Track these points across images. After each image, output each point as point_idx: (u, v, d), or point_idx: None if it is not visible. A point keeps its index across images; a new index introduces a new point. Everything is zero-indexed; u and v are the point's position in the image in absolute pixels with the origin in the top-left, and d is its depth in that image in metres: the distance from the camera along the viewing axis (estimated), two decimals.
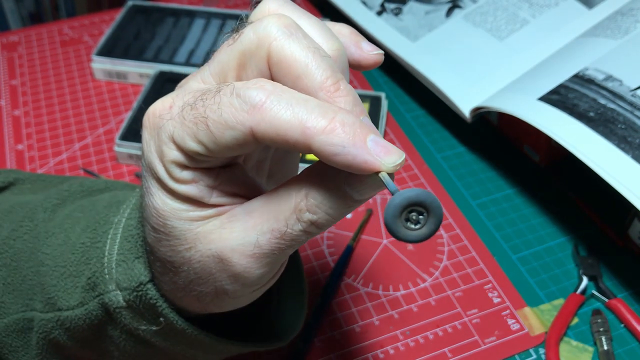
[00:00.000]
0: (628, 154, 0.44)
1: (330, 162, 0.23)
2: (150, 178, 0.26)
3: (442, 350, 0.44)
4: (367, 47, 0.29)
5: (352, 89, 0.25)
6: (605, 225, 0.51)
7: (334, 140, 0.22)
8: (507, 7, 0.62)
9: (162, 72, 0.63)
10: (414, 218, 0.23)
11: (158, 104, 0.26)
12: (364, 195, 0.25)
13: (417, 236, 0.23)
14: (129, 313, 0.30)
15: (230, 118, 0.23)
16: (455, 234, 0.51)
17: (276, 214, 0.25)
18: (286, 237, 0.25)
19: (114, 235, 0.31)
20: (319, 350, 0.43)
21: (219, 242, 0.26)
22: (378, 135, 0.23)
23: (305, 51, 0.24)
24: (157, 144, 0.25)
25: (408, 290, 0.47)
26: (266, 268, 0.27)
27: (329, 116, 0.23)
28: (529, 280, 0.48)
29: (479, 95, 0.56)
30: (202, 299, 0.28)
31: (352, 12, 0.68)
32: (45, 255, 0.32)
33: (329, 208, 0.25)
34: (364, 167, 0.23)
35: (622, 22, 0.54)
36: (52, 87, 0.66)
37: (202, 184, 0.26)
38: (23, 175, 0.42)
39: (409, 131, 0.61)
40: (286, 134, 0.23)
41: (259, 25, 0.25)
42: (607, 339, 0.43)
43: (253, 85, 0.24)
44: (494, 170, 0.57)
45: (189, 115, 0.24)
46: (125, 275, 0.30)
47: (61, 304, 0.31)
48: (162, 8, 0.72)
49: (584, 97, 0.48)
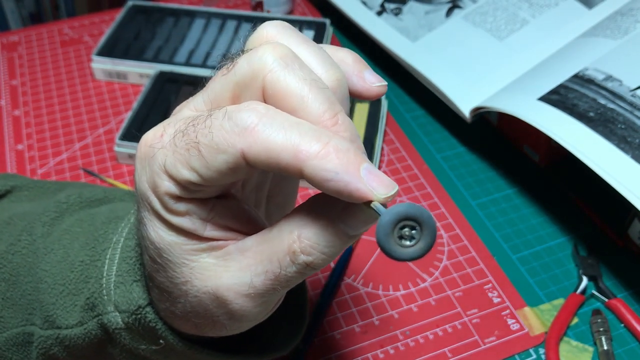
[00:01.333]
0: (628, 154, 0.44)
1: (322, 188, 0.22)
2: (144, 210, 0.26)
3: (442, 350, 0.44)
4: (370, 78, 0.27)
5: (351, 122, 0.24)
6: (605, 225, 0.51)
7: (327, 165, 0.22)
8: (507, 7, 0.62)
9: (162, 72, 0.63)
10: (407, 234, 0.23)
11: (150, 133, 0.25)
12: (357, 229, 0.24)
13: (414, 252, 0.23)
14: (128, 334, 0.30)
15: (222, 141, 0.23)
16: (455, 234, 0.51)
17: (269, 255, 0.25)
18: (280, 278, 0.25)
19: (112, 256, 0.31)
20: (319, 350, 0.43)
21: (215, 280, 0.26)
22: (372, 165, 0.23)
23: (301, 83, 0.24)
24: (149, 175, 0.25)
25: (408, 290, 0.47)
26: (261, 307, 0.26)
27: (323, 141, 0.22)
28: (529, 280, 0.48)
29: (479, 95, 0.56)
30: (200, 328, 0.28)
31: (352, 12, 0.68)
32: (44, 272, 0.32)
33: (324, 247, 0.24)
34: (355, 195, 0.22)
35: (622, 22, 0.54)
36: (52, 87, 0.66)
37: (195, 217, 0.25)
38: (21, 182, 0.41)
39: (409, 131, 0.61)
40: (278, 157, 0.22)
41: (254, 55, 0.24)
42: (607, 339, 0.43)
43: (245, 107, 0.23)
44: (494, 170, 0.57)
45: (181, 142, 0.24)
46: (123, 298, 0.30)
47: (60, 322, 0.31)
48: (162, 8, 0.72)
49: (584, 97, 0.48)
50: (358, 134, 0.24)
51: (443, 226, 0.52)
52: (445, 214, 0.53)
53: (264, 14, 0.72)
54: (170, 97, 0.61)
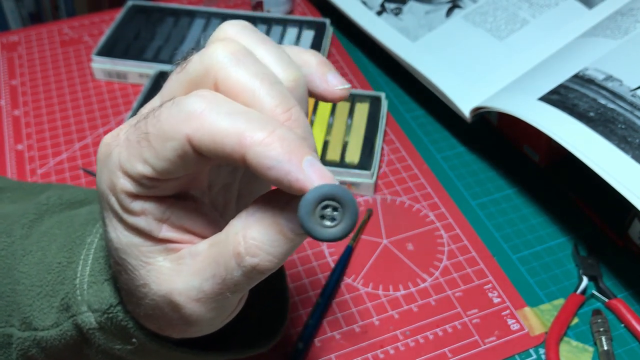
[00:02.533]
0: (628, 154, 0.44)
1: (264, 177, 0.22)
2: (105, 210, 0.26)
3: (442, 350, 0.44)
4: (332, 81, 0.27)
5: (305, 119, 0.24)
6: (605, 225, 0.51)
7: (270, 153, 0.22)
8: (507, 7, 0.62)
9: (162, 72, 0.63)
10: (328, 214, 0.23)
11: (109, 134, 0.26)
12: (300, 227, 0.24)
13: (334, 233, 0.23)
14: (102, 334, 0.30)
15: (168, 127, 0.23)
16: (455, 234, 0.51)
17: (217, 258, 0.25)
18: (227, 282, 0.25)
19: (86, 256, 0.31)
20: (319, 350, 0.43)
21: (168, 285, 0.26)
22: (316, 158, 0.22)
23: (252, 78, 0.23)
24: (107, 175, 0.25)
25: (408, 290, 0.47)
26: (214, 312, 0.26)
27: (269, 129, 0.22)
28: (529, 280, 0.48)
29: (479, 95, 0.56)
30: (163, 330, 0.28)
31: (352, 12, 0.68)
32: (21, 274, 0.32)
33: (269, 247, 0.24)
34: (294, 185, 0.22)
35: (622, 22, 0.54)
36: (52, 87, 0.66)
37: (151, 217, 0.25)
38: (4, 184, 0.41)
39: (409, 131, 0.61)
40: (222, 142, 0.22)
41: (206, 52, 0.24)
42: (607, 339, 0.43)
43: (193, 94, 0.23)
44: (494, 170, 0.57)
45: (133, 136, 0.24)
46: (96, 297, 0.30)
47: (37, 324, 0.31)
48: (162, 8, 0.72)
49: (584, 97, 0.48)
50: (311, 131, 0.24)
51: (443, 226, 0.52)
52: (445, 214, 0.53)
53: (264, 13, 0.72)
54: None
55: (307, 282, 0.47)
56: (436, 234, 0.51)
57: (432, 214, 0.53)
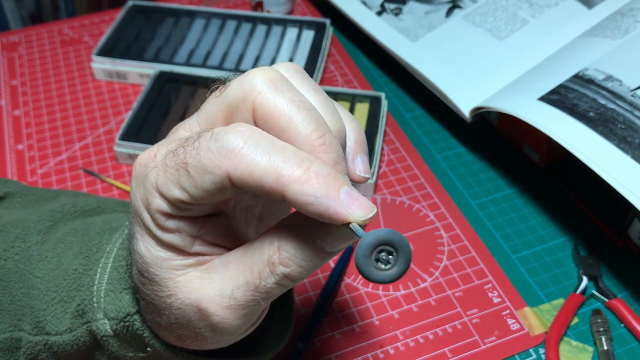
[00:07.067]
0: (628, 154, 0.44)
1: (303, 211, 0.23)
2: (137, 225, 0.27)
3: (442, 350, 0.44)
4: (359, 165, 0.27)
5: (338, 144, 0.25)
6: (605, 225, 0.51)
7: (308, 190, 0.23)
8: (507, 7, 0.62)
9: (162, 72, 0.63)
10: (383, 258, 0.24)
11: (144, 153, 0.27)
12: (334, 247, 0.25)
13: (388, 276, 0.24)
14: (116, 341, 0.31)
15: (208, 163, 0.24)
16: (455, 234, 0.51)
17: (250, 266, 0.26)
18: (260, 289, 0.26)
19: (105, 264, 0.32)
20: (319, 350, 0.43)
21: (197, 292, 0.26)
22: (352, 189, 0.23)
23: (289, 104, 0.24)
24: (142, 193, 0.26)
25: (408, 290, 0.47)
26: (243, 319, 0.27)
27: (305, 166, 0.23)
28: (529, 280, 0.48)
29: (479, 95, 0.57)
30: (183, 340, 0.29)
31: (352, 12, 0.68)
32: (36, 279, 0.32)
33: (302, 260, 0.25)
34: (335, 218, 0.23)
35: (622, 22, 0.54)
36: (52, 87, 0.66)
37: (185, 234, 0.26)
38: (14, 188, 0.42)
39: (409, 131, 0.61)
40: (261, 180, 0.23)
41: (245, 78, 0.25)
42: (607, 339, 0.43)
43: (231, 129, 0.24)
44: (493, 170, 0.57)
45: (171, 162, 0.25)
46: (113, 305, 0.30)
47: (50, 328, 0.32)
48: (162, 8, 0.72)
49: (584, 97, 0.48)
50: (343, 155, 0.25)
51: (443, 226, 0.52)
52: (445, 214, 0.53)
53: (264, 14, 0.72)
54: (170, 97, 0.61)
55: (307, 282, 0.47)
56: (436, 234, 0.51)
57: (432, 214, 0.53)
